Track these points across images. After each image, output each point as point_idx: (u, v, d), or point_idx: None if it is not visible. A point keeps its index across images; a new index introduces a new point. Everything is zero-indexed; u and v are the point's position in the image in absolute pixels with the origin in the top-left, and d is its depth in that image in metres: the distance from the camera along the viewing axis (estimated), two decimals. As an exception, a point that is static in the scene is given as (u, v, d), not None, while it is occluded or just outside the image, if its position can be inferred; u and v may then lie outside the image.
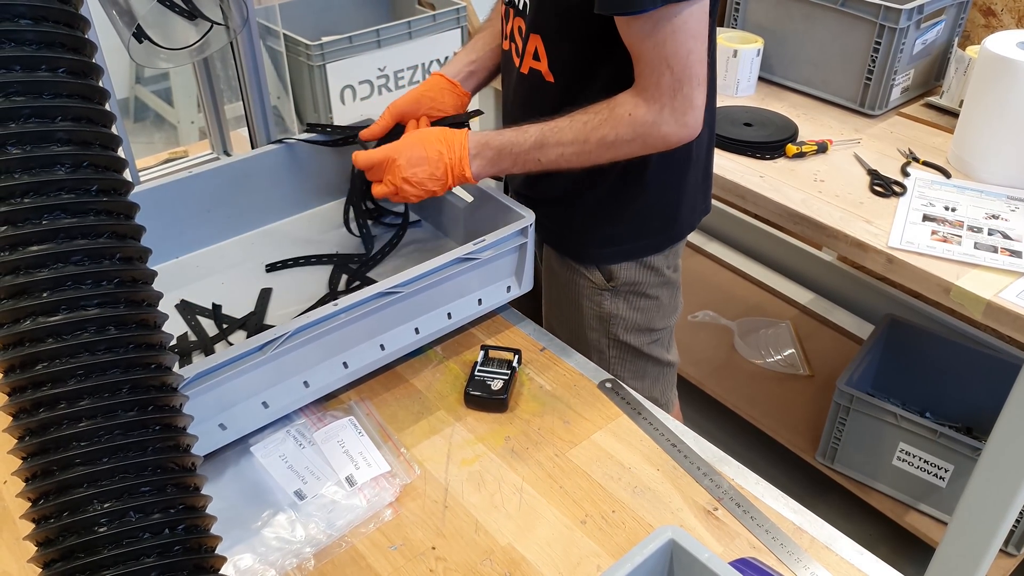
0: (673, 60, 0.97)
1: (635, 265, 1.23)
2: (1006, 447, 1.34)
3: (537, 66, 1.13)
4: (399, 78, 3.85)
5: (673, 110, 1.01)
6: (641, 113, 1.01)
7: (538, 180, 1.21)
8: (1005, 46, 1.44)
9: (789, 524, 0.89)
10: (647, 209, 1.20)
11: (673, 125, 1.02)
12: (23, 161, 0.58)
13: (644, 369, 1.32)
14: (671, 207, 1.22)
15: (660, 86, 0.99)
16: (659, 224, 1.23)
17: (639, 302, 1.27)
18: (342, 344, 1.00)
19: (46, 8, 0.59)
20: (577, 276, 1.26)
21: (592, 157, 1.06)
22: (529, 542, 0.87)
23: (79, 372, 0.59)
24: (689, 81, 0.99)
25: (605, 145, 1.04)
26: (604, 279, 1.24)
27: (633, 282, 1.24)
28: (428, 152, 1.07)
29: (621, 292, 1.25)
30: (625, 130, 1.02)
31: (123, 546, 0.59)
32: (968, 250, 1.33)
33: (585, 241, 1.23)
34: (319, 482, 0.93)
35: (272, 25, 2.85)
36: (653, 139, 1.03)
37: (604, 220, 1.20)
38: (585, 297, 1.26)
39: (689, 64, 0.98)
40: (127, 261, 0.62)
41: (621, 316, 1.27)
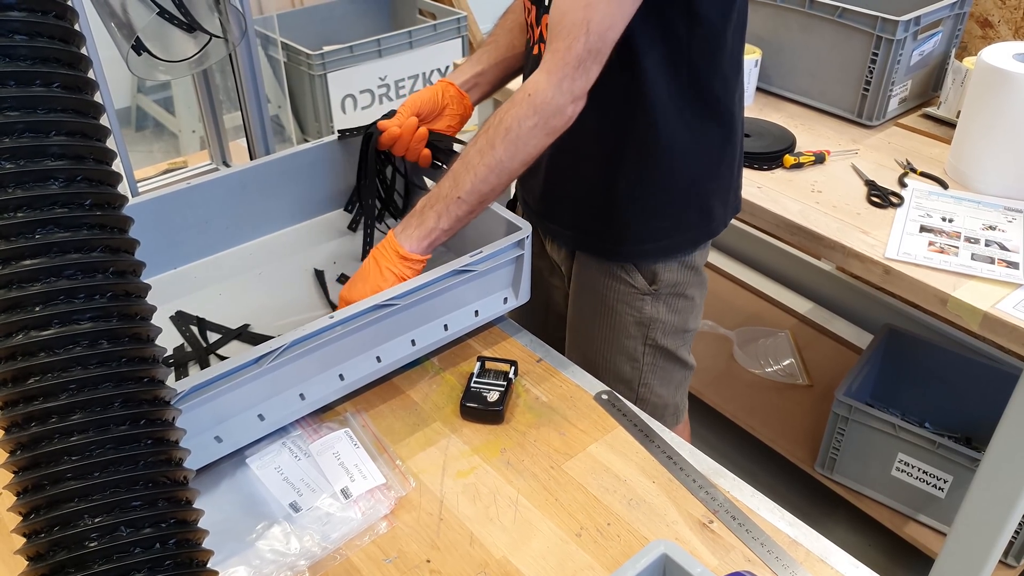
0: (593, 25, 0.95)
1: (677, 265, 1.22)
2: (1005, 457, 1.34)
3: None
4: (400, 87, 3.87)
5: (572, 81, 0.98)
6: (540, 88, 0.99)
7: (563, 180, 1.21)
8: (1002, 58, 1.44)
9: (784, 537, 0.89)
10: (682, 199, 1.19)
11: (567, 95, 0.98)
12: (16, 175, 0.58)
13: (672, 374, 1.32)
14: (706, 197, 1.20)
15: (570, 52, 0.96)
16: (696, 217, 1.21)
17: (678, 303, 1.26)
18: (338, 356, 1.00)
19: (41, 24, 0.59)
20: (616, 282, 1.24)
21: (505, 163, 1.02)
22: (524, 555, 0.87)
23: (71, 386, 0.59)
24: (596, 55, 0.97)
25: (511, 141, 1.00)
26: (647, 283, 1.22)
27: (675, 283, 1.23)
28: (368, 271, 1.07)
29: (662, 295, 1.24)
30: (524, 111, 0.99)
31: (113, 561, 0.59)
32: (965, 261, 1.33)
33: (624, 238, 1.20)
34: (314, 494, 0.93)
35: (271, 34, 2.85)
36: (547, 113, 0.99)
37: (640, 212, 1.18)
38: (624, 303, 1.24)
39: (606, 37, 0.96)
40: (120, 275, 0.63)
41: (661, 320, 1.25)
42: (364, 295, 1.02)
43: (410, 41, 3.80)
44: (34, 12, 0.59)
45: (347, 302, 1.05)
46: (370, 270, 1.07)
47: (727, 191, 1.24)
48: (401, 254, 1.06)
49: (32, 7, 0.59)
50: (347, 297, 1.07)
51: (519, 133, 1.00)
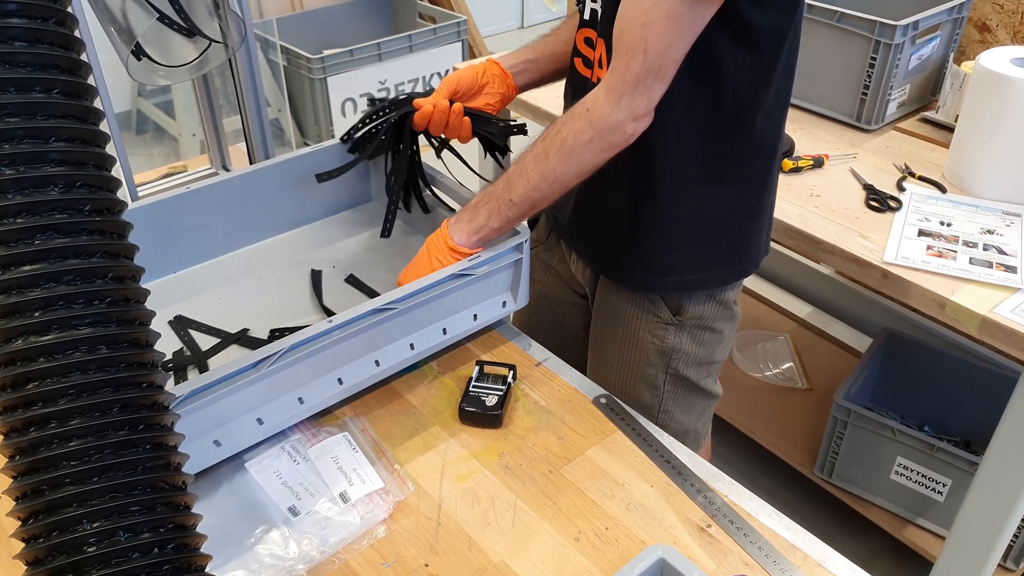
0: (651, 45, 0.94)
1: (704, 298, 1.19)
2: (1003, 461, 1.34)
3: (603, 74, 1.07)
4: (400, 91, 3.87)
5: (631, 99, 0.97)
6: (599, 104, 0.98)
7: (592, 203, 1.19)
8: (999, 62, 1.44)
9: (782, 541, 0.89)
10: (711, 235, 1.15)
11: (627, 114, 0.97)
12: (16, 181, 0.58)
13: (693, 403, 1.28)
14: (738, 235, 1.17)
15: (628, 70, 0.95)
16: (726, 254, 1.17)
17: (703, 336, 1.22)
18: (337, 360, 1.01)
19: (41, 30, 0.60)
20: (639, 310, 1.21)
21: (559, 174, 1.02)
22: (522, 559, 0.87)
23: (70, 391, 0.59)
24: (657, 74, 0.96)
25: (566, 153, 1.00)
26: (671, 314, 1.19)
27: (701, 316, 1.20)
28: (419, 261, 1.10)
29: (687, 327, 1.20)
30: (582, 125, 0.99)
31: (112, 566, 0.59)
32: (963, 265, 1.33)
33: (649, 268, 1.17)
34: (313, 498, 0.93)
35: (271, 37, 2.86)
36: (606, 129, 0.98)
37: (666, 244, 1.15)
38: (647, 331, 1.21)
39: (666, 56, 0.95)
40: (119, 280, 0.63)
41: (684, 351, 1.22)
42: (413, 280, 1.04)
43: (410, 45, 3.81)
44: (34, 19, 0.59)
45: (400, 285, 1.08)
46: (422, 258, 1.09)
47: (761, 230, 1.20)
48: (451, 245, 1.07)
49: (32, 14, 0.59)
50: (401, 282, 1.10)
51: (574, 146, 1.00)
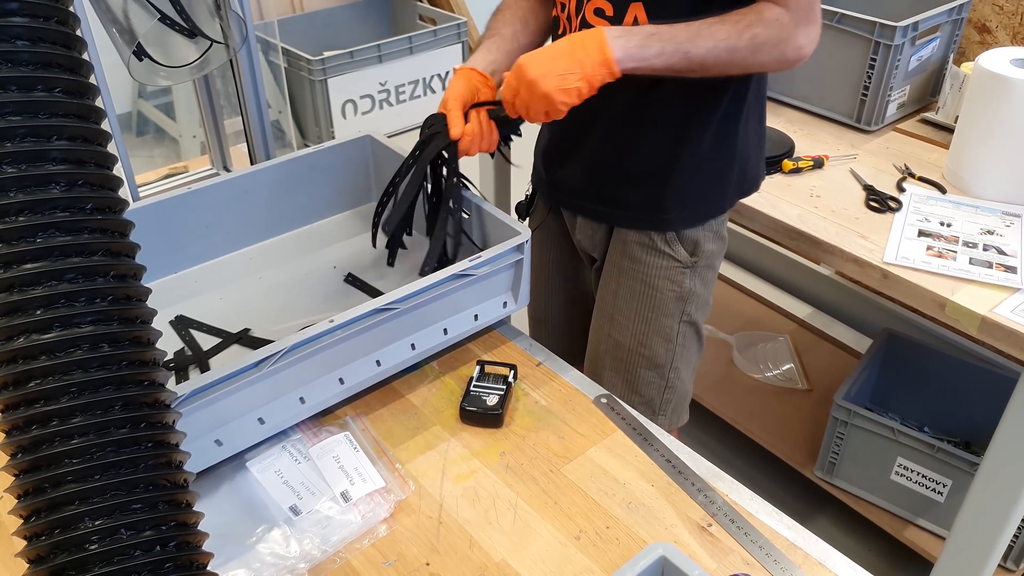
0: None
1: (712, 235, 1.25)
2: (1003, 462, 1.34)
3: None
4: (400, 93, 3.87)
5: (808, 24, 1.06)
6: (787, 21, 1.05)
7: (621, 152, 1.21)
8: (999, 63, 1.45)
9: (783, 540, 0.89)
10: (736, 162, 1.23)
11: (805, 38, 1.06)
12: (18, 180, 0.58)
13: (694, 352, 1.35)
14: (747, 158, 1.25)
15: (799, 3, 1.04)
16: (738, 177, 1.25)
17: (708, 275, 1.29)
18: (338, 360, 1.01)
19: (43, 29, 0.60)
20: (658, 257, 1.25)
21: (738, 56, 1.06)
22: (523, 558, 0.87)
23: (72, 389, 0.59)
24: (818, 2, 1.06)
25: (753, 47, 1.05)
26: (688, 254, 1.25)
27: (711, 254, 1.27)
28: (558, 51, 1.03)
29: (699, 267, 1.27)
30: (774, 33, 1.05)
31: (114, 564, 0.59)
32: (963, 265, 1.33)
33: (671, 206, 1.22)
34: (314, 497, 0.93)
35: (271, 39, 2.86)
36: (791, 49, 1.06)
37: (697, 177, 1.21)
38: (666, 279, 1.26)
39: None
40: (121, 279, 0.63)
41: (697, 293, 1.28)
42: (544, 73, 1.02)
43: (410, 47, 3.80)
44: (36, 18, 0.59)
45: (521, 71, 1.04)
46: (562, 50, 1.03)
47: (760, 150, 1.29)
48: (607, 56, 1.02)
49: (34, 13, 0.59)
50: (523, 65, 1.03)
51: (763, 44, 1.05)
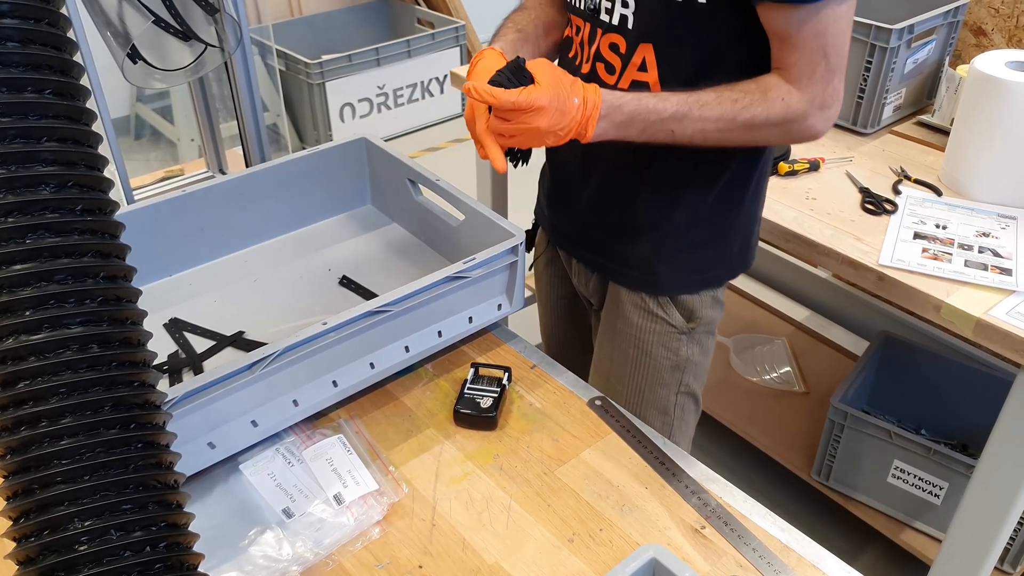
0: (830, 50, 0.96)
1: (710, 300, 1.19)
2: (999, 464, 1.34)
3: (644, 77, 1.06)
4: (398, 96, 3.89)
5: (823, 102, 0.99)
6: (794, 100, 0.99)
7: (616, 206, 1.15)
8: (994, 66, 1.45)
9: (776, 543, 0.89)
10: (736, 230, 1.17)
11: (819, 118, 1.00)
12: (7, 181, 0.58)
13: (691, 421, 1.30)
14: (751, 228, 1.19)
15: (814, 76, 0.97)
16: (739, 247, 1.18)
17: (707, 342, 1.22)
18: (332, 363, 1.01)
19: (34, 31, 0.60)
20: (652, 322, 1.18)
21: (732, 137, 1.01)
22: (516, 560, 0.87)
23: (61, 390, 0.59)
24: (839, 73, 0.99)
25: (751, 127, 1.00)
26: (684, 320, 1.18)
27: (709, 320, 1.20)
28: (568, 104, 0.96)
29: (697, 334, 1.20)
30: (777, 114, 0.99)
31: (104, 564, 0.59)
32: (958, 268, 1.33)
33: (667, 268, 1.15)
34: (307, 500, 0.93)
35: (267, 42, 2.87)
36: (799, 129, 1.01)
37: (693, 242, 1.14)
38: (660, 345, 1.19)
39: (842, 55, 0.98)
40: (111, 280, 0.63)
41: (694, 361, 1.21)
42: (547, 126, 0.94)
43: (408, 50, 3.82)
44: (27, 20, 0.59)
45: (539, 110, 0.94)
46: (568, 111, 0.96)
47: (759, 221, 1.22)
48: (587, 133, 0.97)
49: (25, 15, 0.59)
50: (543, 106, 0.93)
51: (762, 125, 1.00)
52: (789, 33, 0.96)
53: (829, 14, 0.94)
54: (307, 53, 3.60)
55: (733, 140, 1.02)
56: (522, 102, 0.93)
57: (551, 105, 0.94)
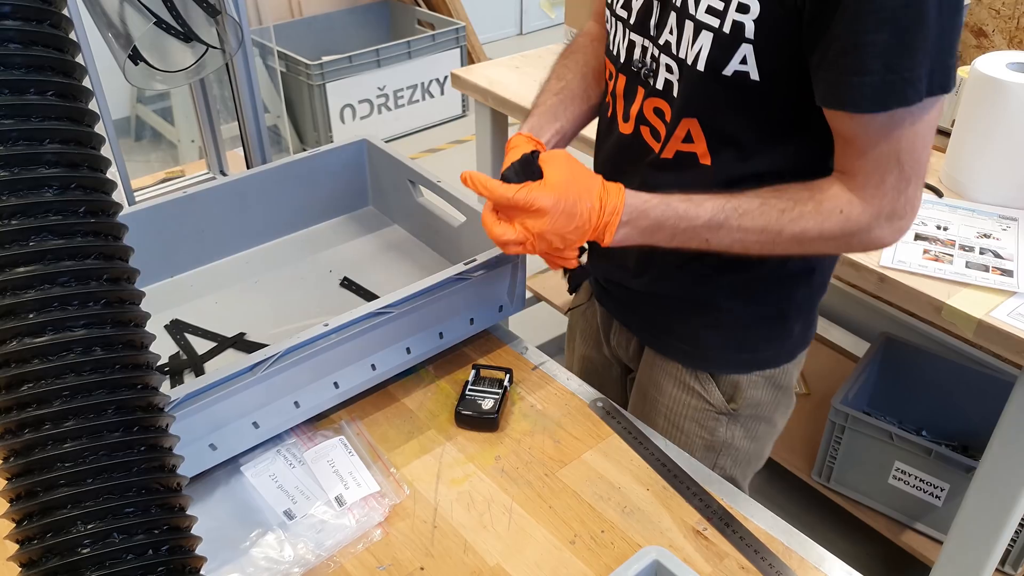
0: (906, 156, 0.82)
1: (763, 381, 1.05)
2: (1000, 465, 1.34)
3: (691, 148, 0.94)
4: (399, 97, 3.89)
5: (893, 213, 0.85)
6: (856, 213, 0.85)
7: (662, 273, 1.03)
8: (995, 67, 1.45)
9: (778, 544, 0.89)
10: (793, 307, 1.03)
11: (887, 229, 0.86)
12: (10, 183, 0.58)
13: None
14: (814, 309, 1.05)
15: (884, 184, 0.83)
16: (801, 327, 1.04)
17: (758, 429, 1.09)
18: (333, 364, 1.01)
19: (35, 32, 0.60)
20: (687, 395, 1.07)
21: (778, 249, 0.89)
22: (518, 562, 0.87)
23: (64, 393, 0.59)
24: (917, 180, 0.84)
25: (801, 241, 0.87)
26: (724, 400, 1.05)
27: (758, 404, 1.06)
28: (580, 207, 0.87)
29: (741, 417, 1.07)
30: (833, 227, 0.86)
31: (106, 567, 0.59)
32: (959, 269, 1.33)
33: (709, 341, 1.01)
34: (308, 502, 0.93)
35: (268, 43, 2.87)
36: (860, 241, 0.87)
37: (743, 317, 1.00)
38: (694, 421, 1.07)
39: (921, 161, 0.83)
40: (114, 282, 0.63)
41: (735, 446, 1.08)
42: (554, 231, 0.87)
43: (409, 51, 3.82)
44: (29, 21, 0.59)
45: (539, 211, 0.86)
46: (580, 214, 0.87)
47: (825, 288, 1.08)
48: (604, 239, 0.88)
49: (27, 16, 0.59)
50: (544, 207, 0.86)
51: (814, 240, 0.87)
52: (855, 135, 0.83)
53: (905, 118, 0.80)
54: (307, 54, 3.60)
55: (780, 251, 0.90)
56: (519, 200, 0.86)
57: (554, 208, 0.86)
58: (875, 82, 0.77)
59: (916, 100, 0.78)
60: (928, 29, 0.75)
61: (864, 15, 0.76)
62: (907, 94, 0.78)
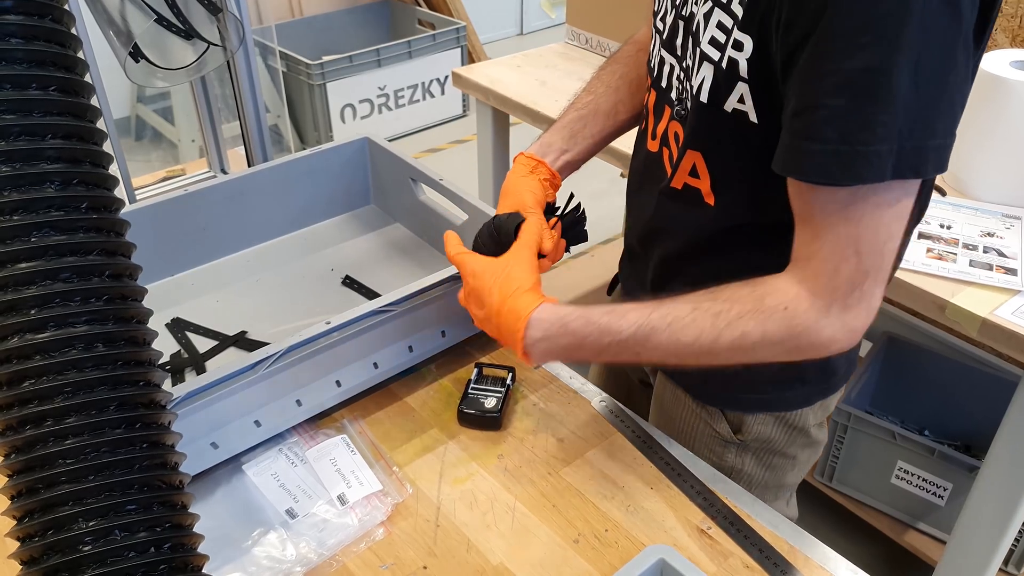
0: (866, 246, 0.72)
1: (774, 420, 1.00)
2: (1004, 465, 1.34)
3: (696, 184, 0.89)
4: (399, 97, 3.89)
5: (845, 309, 0.74)
6: (803, 309, 0.75)
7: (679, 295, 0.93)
8: (999, 65, 1.44)
9: (783, 543, 0.89)
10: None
11: (840, 328, 0.75)
12: (12, 179, 0.58)
13: None
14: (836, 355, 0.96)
15: (838, 275, 0.73)
16: (817, 373, 0.97)
17: (772, 460, 1.03)
18: (335, 362, 1.00)
19: (37, 27, 0.60)
20: (695, 419, 1.03)
21: (718, 360, 0.80)
22: (521, 561, 0.87)
23: (66, 389, 0.59)
24: (876, 275, 0.74)
25: (742, 347, 0.77)
26: (731, 431, 1.01)
27: (767, 439, 1.01)
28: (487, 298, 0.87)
29: (751, 449, 1.02)
30: (777, 328, 0.76)
31: (108, 565, 0.58)
32: (963, 268, 1.33)
33: (720, 380, 0.90)
34: (311, 501, 0.92)
35: (269, 43, 2.87)
36: (810, 343, 0.76)
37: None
38: (702, 445, 1.03)
39: (884, 254, 0.73)
40: (116, 278, 0.62)
41: (747, 473, 1.04)
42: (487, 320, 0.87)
43: (409, 51, 3.82)
44: (31, 16, 0.59)
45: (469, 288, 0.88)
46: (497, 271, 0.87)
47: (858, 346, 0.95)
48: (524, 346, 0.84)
49: (29, 10, 0.59)
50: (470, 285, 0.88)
51: (757, 345, 0.77)
52: (811, 212, 0.74)
53: (868, 198, 0.70)
54: (308, 54, 3.60)
55: (723, 363, 0.80)
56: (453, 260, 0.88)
57: (474, 285, 0.86)
58: (826, 151, 0.69)
59: (874, 179, 0.68)
60: (894, 101, 0.66)
61: (822, 76, 0.69)
62: (860, 170, 0.68)
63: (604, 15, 2.14)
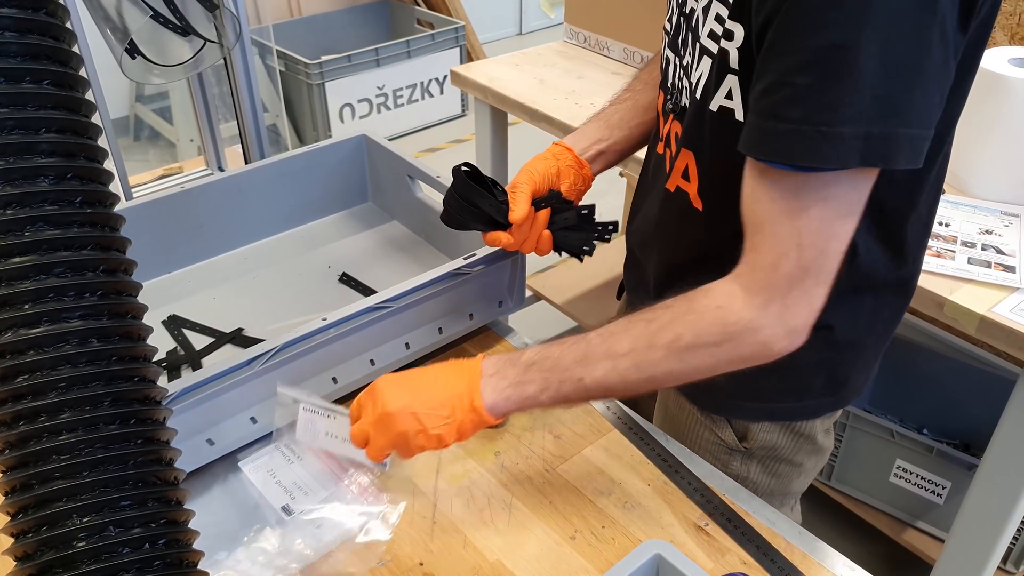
0: (808, 241, 0.69)
1: (780, 429, 0.98)
2: (1002, 463, 1.33)
3: (685, 187, 0.89)
4: (398, 97, 3.89)
5: (784, 308, 0.71)
6: (737, 307, 0.73)
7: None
8: (998, 63, 1.44)
9: (781, 540, 0.88)
10: (813, 365, 0.91)
11: (779, 328, 0.72)
12: (5, 172, 0.58)
13: None
14: (844, 366, 0.94)
15: (776, 271, 0.71)
16: (823, 384, 0.95)
17: (778, 467, 1.02)
18: (331, 359, 1.00)
19: (32, 21, 0.59)
20: (699, 427, 1.01)
21: (657, 371, 0.76)
22: (518, 558, 0.86)
23: (60, 384, 0.58)
24: (816, 275, 0.71)
25: (678, 352, 0.75)
26: (736, 439, 0.99)
27: (773, 447, 0.99)
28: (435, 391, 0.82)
29: (757, 457, 1.00)
30: (710, 328, 0.74)
31: (102, 561, 0.58)
32: (962, 265, 1.33)
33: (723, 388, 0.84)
34: (307, 497, 0.92)
35: (267, 43, 2.86)
36: (748, 345, 0.74)
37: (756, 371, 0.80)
38: (707, 452, 1.02)
39: (827, 253, 0.70)
40: (111, 273, 0.62)
41: (752, 480, 1.02)
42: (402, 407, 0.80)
43: (408, 51, 3.81)
44: (24, 8, 0.58)
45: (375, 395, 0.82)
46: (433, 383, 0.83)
47: (873, 359, 0.96)
48: (473, 403, 0.80)
49: (22, 3, 0.58)
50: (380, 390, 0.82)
51: (691, 346, 0.74)
52: (758, 196, 0.71)
53: (818, 190, 0.68)
54: (307, 54, 3.60)
55: (663, 374, 0.76)
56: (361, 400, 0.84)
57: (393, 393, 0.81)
58: (788, 130, 0.66)
59: (837, 163, 0.65)
60: (860, 81, 0.63)
61: (788, 53, 0.66)
62: (822, 151, 0.65)
63: (603, 14, 2.14)
